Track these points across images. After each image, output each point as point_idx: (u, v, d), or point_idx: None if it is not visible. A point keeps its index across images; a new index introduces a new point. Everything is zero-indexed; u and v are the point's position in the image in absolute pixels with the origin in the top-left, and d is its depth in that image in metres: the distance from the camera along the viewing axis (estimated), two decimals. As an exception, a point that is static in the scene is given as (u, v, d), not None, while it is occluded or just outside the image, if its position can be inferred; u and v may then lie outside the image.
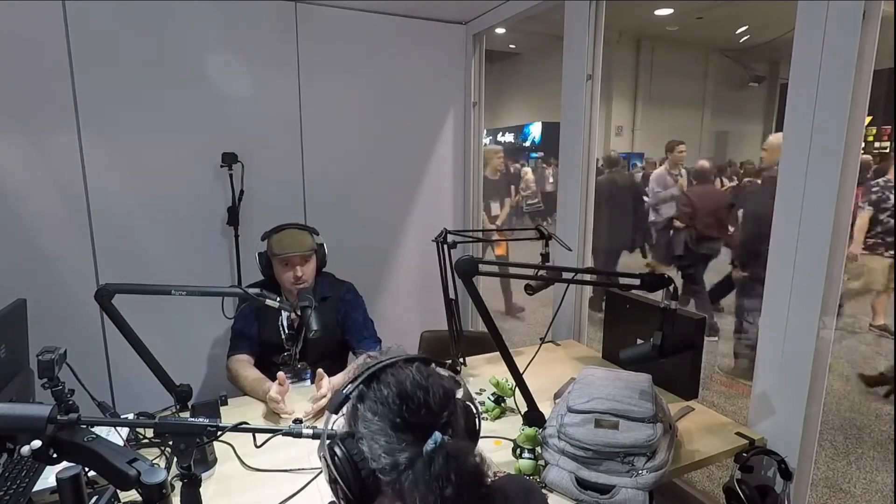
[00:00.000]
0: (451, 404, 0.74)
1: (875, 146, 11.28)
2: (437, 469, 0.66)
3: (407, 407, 0.70)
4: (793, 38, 1.37)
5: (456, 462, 0.67)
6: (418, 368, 0.75)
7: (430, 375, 0.75)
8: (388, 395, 0.72)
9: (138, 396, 1.65)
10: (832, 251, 1.33)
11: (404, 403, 0.71)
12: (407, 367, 0.75)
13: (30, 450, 0.80)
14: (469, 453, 0.70)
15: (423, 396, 0.71)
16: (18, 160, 2.04)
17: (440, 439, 0.68)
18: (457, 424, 0.75)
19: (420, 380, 0.73)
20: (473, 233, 2.42)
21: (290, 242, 1.86)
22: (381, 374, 0.74)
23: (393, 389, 0.72)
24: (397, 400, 0.71)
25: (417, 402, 0.71)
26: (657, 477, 1.21)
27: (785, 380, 1.47)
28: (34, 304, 1.41)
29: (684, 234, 4.59)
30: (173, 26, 2.22)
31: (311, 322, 1.61)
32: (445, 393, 0.74)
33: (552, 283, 1.80)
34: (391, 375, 0.74)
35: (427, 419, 0.71)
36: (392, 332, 2.46)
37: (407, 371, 0.74)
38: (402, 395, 0.71)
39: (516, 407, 1.60)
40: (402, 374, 0.74)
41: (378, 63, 2.68)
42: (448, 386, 0.76)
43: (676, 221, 4.75)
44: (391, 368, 0.75)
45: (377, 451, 0.71)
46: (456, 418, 0.75)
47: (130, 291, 1.54)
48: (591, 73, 2.14)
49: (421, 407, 0.71)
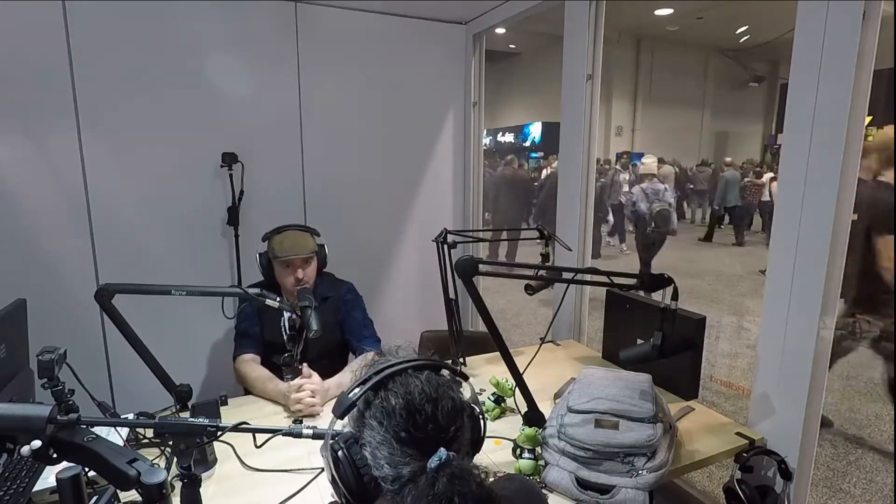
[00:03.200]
0: (459, 418, 0.72)
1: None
2: (441, 489, 0.63)
3: (414, 421, 0.68)
4: (793, 38, 1.37)
5: (460, 483, 0.64)
6: (428, 378, 0.72)
7: (440, 386, 0.72)
8: (396, 405, 0.69)
9: (138, 396, 1.65)
10: (832, 251, 1.33)
11: (411, 417, 0.68)
12: (416, 376, 0.72)
13: (30, 450, 0.80)
14: (474, 474, 0.66)
15: (430, 410, 0.69)
16: (18, 160, 2.04)
17: (445, 456, 0.65)
18: (463, 438, 0.72)
19: (430, 392, 0.70)
20: (473, 233, 2.42)
21: (292, 245, 1.86)
22: (389, 382, 0.71)
23: (401, 400, 0.69)
24: (404, 413, 0.68)
25: (425, 416, 0.68)
26: (657, 477, 1.21)
27: (785, 380, 1.47)
28: (34, 304, 1.41)
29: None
30: (173, 26, 2.22)
31: (312, 322, 1.61)
32: (454, 406, 0.71)
33: (552, 283, 1.80)
34: (400, 385, 0.71)
35: (433, 434, 0.68)
36: (392, 332, 2.46)
37: (416, 381, 0.71)
38: (409, 407, 0.69)
39: (516, 407, 1.59)
40: (412, 385, 0.71)
41: (378, 63, 2.68)
42: (457, 398, 0.73)
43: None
44: (400, 376, 0.72)
45: (380, 460, 0.69)
46: (463, 432, 0.72)
47: (130, 291, 1.54)
48: (591, 73, 2.14)
49: (428, 422, 0.68)
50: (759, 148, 15.10)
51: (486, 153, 3.55)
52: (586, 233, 2.28)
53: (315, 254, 1.91)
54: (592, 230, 2.31)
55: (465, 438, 0.73)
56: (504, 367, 1.51)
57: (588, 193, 2.25)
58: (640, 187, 5.69)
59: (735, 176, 9.33)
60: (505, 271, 1.79)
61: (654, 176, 5.75)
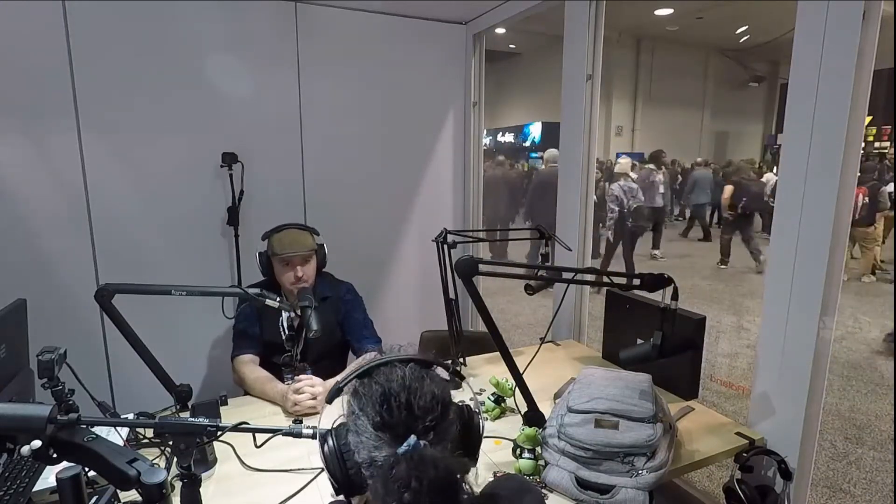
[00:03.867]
0: (437, 409, 0.72)
1: (875, 146, 11.30)
2: (400, 473, 0.64)
3: (388, 406, 0.70)
4: (793, 38, 1.37)
5: (422, 469, 0.64)
6: (412, 369, 0.74)
7: (423, 378, 0.74)
8: (375, 391, 0.72)
9: (138, 396, 1.65)
10: (832, 251, 1.33)
11: (385, 402, 0.71)
12: (401, 368, 0.74)
13: (30, 450, 0.80)
14: (445, 464, 0.66)
15: (405, 398, 0.71)
16: (18, 160, 2.04)
17: (414, 443, 0.67)
18: (444, 432, 0.72)
19: (410, 381, 0.72)
20: (473, 233, 2.42)
21: (291, 242, 1.87)
22: (375, 372, 0.75)
23: (379, 388, 0.72)
24: (380, 399, 0.71)
25: (398, 402, 0.70)
26: (657, 477, 1.21)
27: (785, 380, 1.47)
28: (34, 304, 1.41)
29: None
30: (173, 26, 2.22)
31: (311, 322, 1.61)
32: (433, 398, 0.72)
33: (552, 283, 1.80)
34: (383, 374, 0.74)
35: (407, 420, 0.70)
36: (392, 332, 2.46)
37: (400, 371, 0.74)
38: (385, 393, 0.71)
39: (516, 407, 1.59)
40: (394, 374, 0.73)
41: (378, 63, 2.68)
42: (439, 392, 0.74)
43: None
44: (386, 367, 0.75)
45: (360, 445, 0.72)
46: (444, 425, 0.72)
47: (130, 291, 1.54)
48: (591, 73, 2.14)
49: (402, 408, 0.70)
50: (759, 148, 15.10)
51: (486, 153, 3.58)
52: (586, 233, 2.28)
53: (314, 252, 1.92)
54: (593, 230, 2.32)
55: (445, 432, 0.73)
56: (504, 367, 1.51)
57: (588, 193, 2.25)
58: (619, 184, 6.26)
59: (705, 175, 9.61)
60: (505, 271, 1.79)
61: (627, 175, 6.33)
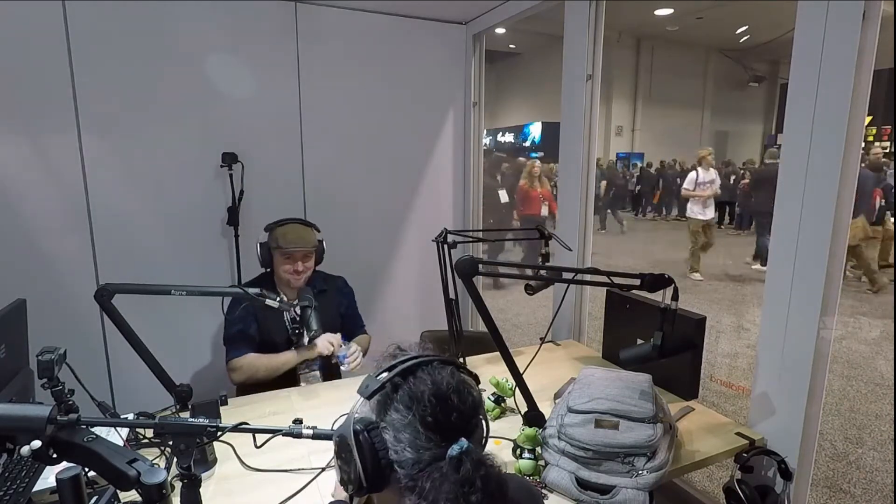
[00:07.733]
0: (478, 413, 0.77)
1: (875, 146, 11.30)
2: (465, 473, 0.67)
3: (441, 408, 0.72)
4: (793, 38, 1.37)
5: (483, 468, 0.68)
6: (452, 373, 0.77)
7: (462, 382, 0.77)
8: (425, 392, 0.73)
9: (138, 396, 1.65)
10: (832, 251, 1.33)
11: (439, 404, 0.72)
12: (443, 369, 0.76)
13: (30, 450, 0.80)
14: (492, 463, 0.71)
15: (456, 400, 0.73)
16: (18, 160, 2.04)
17: (466, 445, 0.69)
18: (479, 433, 0.77)
19: (456, 384, 0.75)
20: (473, 233, 2.42)
21: (295, 238, 1.91)
22: (417, 371, 0.75)
23: (429, 387, 0.73)
24: (433, 398, 0.72)
25: (451, 405, 0.73)
26: (657, 477, 1.21)
27: (785, 380, 1.47)
28: (34, 304, 1.41)
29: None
30: (173, 26, 2.22)
31: (312, 322, 1.62)
32: (474, 402, 0.76)
33: (552, 283, 1.80)
34: (427, 374, 0.75)
35: (457, 423, 0.72)
36: (392, 331, 2.46)
37: (443, 373, 0.75)
38: (437, 395, 0.73)
39: (516, 407, 1.59)
40: (439, 376, 0.75)
41: (378, 63, 2.68)
42: (477, 396, 0.78)
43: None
44: (427, 367, 0.76)
45: (402, 443, 0.72)
46: (480, 429, 0.77)
47: (130, 291, 1.54)
48: (591, 73, 2.14)
49: (453, 410, 0.73)
50: (759, 148, 15.11)
51: (486, 153, 3.60)
52: (586, 233, 2.28)
53: (315, 248, 1.96)
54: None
55: (480, 434, 0.77)
56: (504, 367, 1.51)
57: (588, 193, 2.25)
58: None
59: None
60: (505, 271, 1.79)
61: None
